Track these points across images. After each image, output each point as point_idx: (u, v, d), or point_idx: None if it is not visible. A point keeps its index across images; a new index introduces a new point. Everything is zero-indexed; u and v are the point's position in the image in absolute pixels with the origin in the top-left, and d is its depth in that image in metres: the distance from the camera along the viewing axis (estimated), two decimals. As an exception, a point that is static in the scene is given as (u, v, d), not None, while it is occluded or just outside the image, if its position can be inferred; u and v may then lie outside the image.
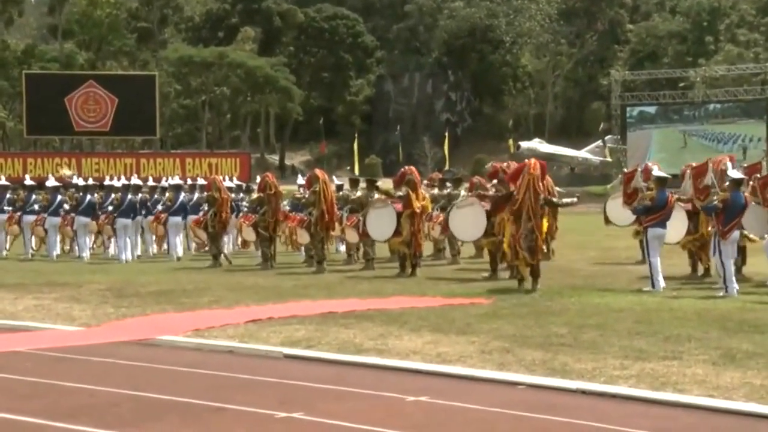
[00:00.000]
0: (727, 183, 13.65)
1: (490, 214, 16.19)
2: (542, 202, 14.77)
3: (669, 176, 15.36)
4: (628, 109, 55.96)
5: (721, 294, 13.44)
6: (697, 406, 7.12)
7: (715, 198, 13.66)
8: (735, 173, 13.95)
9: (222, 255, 20.14)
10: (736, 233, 13.68)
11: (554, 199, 16.69)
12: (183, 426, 6.70)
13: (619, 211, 17.89)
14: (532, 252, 14.66)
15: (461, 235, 17.49)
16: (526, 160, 15.95)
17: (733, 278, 13.49)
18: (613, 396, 7.50)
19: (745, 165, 16.87)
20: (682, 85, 56.95)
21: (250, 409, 7.16)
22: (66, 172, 32.80)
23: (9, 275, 18.09)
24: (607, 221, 19.73)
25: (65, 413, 7.06)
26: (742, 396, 7.31)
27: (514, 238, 14.75)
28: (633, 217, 17.56)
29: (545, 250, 15.89)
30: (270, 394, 7.72)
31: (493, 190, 16.60)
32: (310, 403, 7.33)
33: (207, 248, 20.97)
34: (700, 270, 16.32)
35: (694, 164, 15.50)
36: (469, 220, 16.75)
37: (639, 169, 17.28)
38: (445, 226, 18.16)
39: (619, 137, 54.65)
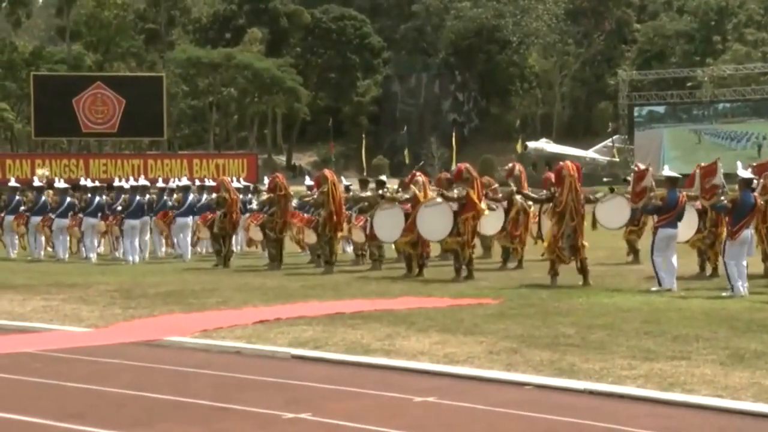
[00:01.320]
0: (737, 183, 13.62)
1: (456, 214, 16.23)
2: (584, 202, 15.46)
3: (679, 176, 15.34)
4: (635, 108, 56.19)
5: (725, 294, 13.43)
6: (705, 406, 7.14)
7: (723, 197, 13.66)
8: (744, 173, 13.91)
9: (229, 254, 20.18)
10: (746, 233, 13.62)
11: (591, 196, 17.56)
12: (190, 426, 6.70)
13: (608, 214, 18.27)
14: (575, 250, 15.08)
15: (428, 235, 17.15)
16: (562, 162, 16.45)
17: (742, 279, 13.39)
18: (621, 396, 7.53)
19: (755, 164, 16.67)
20: (690, 84, 57.11)
21: (257, 409, 7.18)
22: (43, 171, 32.77)
23: (17, 276, 18.17)
24: (595, 225, 19.60)
25: (73, 414, 7.11)
26: (751, 396, 7.33)
27: (555, 237, 15.10)
28: (623, 221, 18.10)
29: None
30: (277, 395, 7.73)
31: (456, 191, 16.52)
32: (318, 404, 7.35)
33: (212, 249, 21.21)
34: (708, 270, 16.31)
35: (703, 164, 15.49)
36: (436, 220, 16.62)
37: (650, 169, 17.24)
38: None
39: (626, 137, 54.83)
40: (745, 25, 60.98)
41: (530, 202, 18.44)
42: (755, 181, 14.04)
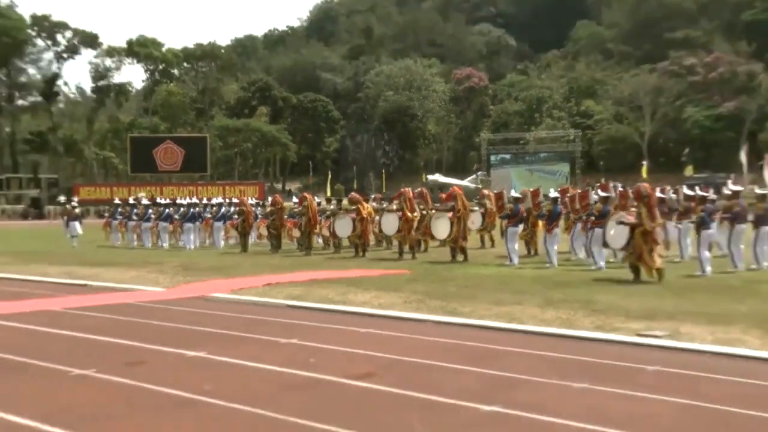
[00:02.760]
0: (551, 199, 18.46)
1: (400, 218, 20.88)
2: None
3: (520, 196, 20.00)
4: (492, 156, 74.12)
5: (548, 266, 17.31)
6: (531, 332, 9.50)
7: (543, 209, 18.76)
8: (554, 194, 18.81)
9: (247, 245, 25.26)
10: (556, 230, 18.07)
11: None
12: (223, 347, 8.75)
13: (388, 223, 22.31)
14: (464, 240, 19.79)
15: (387, 230, 22.17)
16: (453, 187, 22.03)
17: (555, 257, 17.73)
18: (483, 327, 9.85)
19: (560, 189, 21.73)
20: (522, 142, 76.00)
21: (264, 337, 9.47)
22: (139, 195, 39.07)
23: (120, 258, 22.55)
24: (381, 233, 24.24)
25: (155, 339, 9.35)
26: (557, 325, 9.82)
27: (457, 232, 19.40)
28: (477, 226, 23.48)
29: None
30: (278, 328, 9.97)
31: (395, 205, 21.58)
32: (303, 334, 9.47)
33: (236, 241, 26.82)
34: (532, 251, 20.82)
35: (531, 189, 21.06)
36: (392, 221, 21.36)
37: (504, 192, 22.80)
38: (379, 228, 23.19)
39: (486, 173, 69.52)
40: (552, 108, 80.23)
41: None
42: (559, 199, 18.76)
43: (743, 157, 40.94)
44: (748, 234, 16.87)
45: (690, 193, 19.08)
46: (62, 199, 39.20)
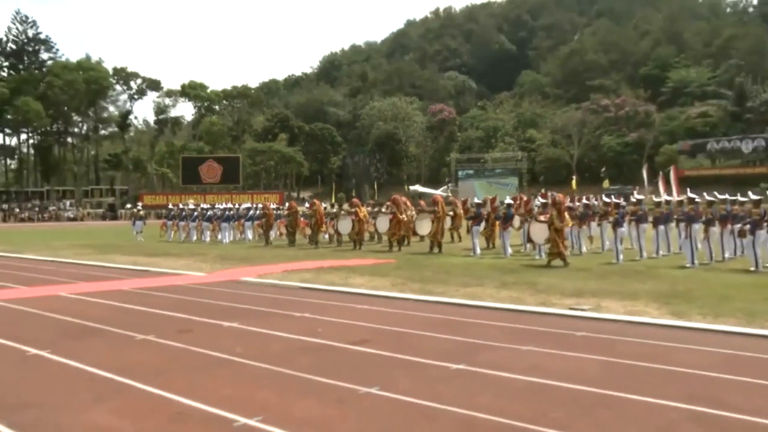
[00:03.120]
0: (506, 205, 18.13)
1: (391, 219, 20.75)
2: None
3: (482, 202, 20.07)
4: (459, 171, 73.64)
5: (503, 256, 17.01)
6: (489, 307, 9.36)
7: (500, 212, 18.05)
8: (509, 200, 18.71)
9: (269, 240, 25.17)
10: (510, 229, 17.79)
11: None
12: (251, 319, 8.67)
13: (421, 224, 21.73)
14: (441, 236, 19.55)
15: (381, 229, 21.87)
16: (434, 195, 22.34)
17: (508, 249, 17.30)
18: (452, 304, 9.76)
19: (513, 197, 21.94)
20: (482, 161, 75.50)
21: (283, 311, 9.31)
22: (190, 201, 38.57)
23: (173, 249, 22.32)
24: (375, 231, 23.66)
25: (199, 313, 9.27)
26: (510, 302, 9.73)
27: (436, 230, 19.20)
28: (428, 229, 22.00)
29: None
30: (294, 306, 9.79)
31: (384, 209, 21.76)
32: (314, 310, 9.36)
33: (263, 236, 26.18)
34: (491, 245, 20.38)
35: (491, 197, 20.97)
36: (385, 221, 21.14)
37: (469, 199, 22.80)
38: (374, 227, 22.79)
39: (455, 184, 68.95)
40: (505, 135, 79.75)
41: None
42: (512, 203, 18.65)
43: (644, 174, 41.59)
44: (649, 231, 17.01)
45: (607, 200, 19.11)
46: (133, 206, 40.19)
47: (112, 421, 4.80)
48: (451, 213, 23.80)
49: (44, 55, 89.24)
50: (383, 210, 22.48)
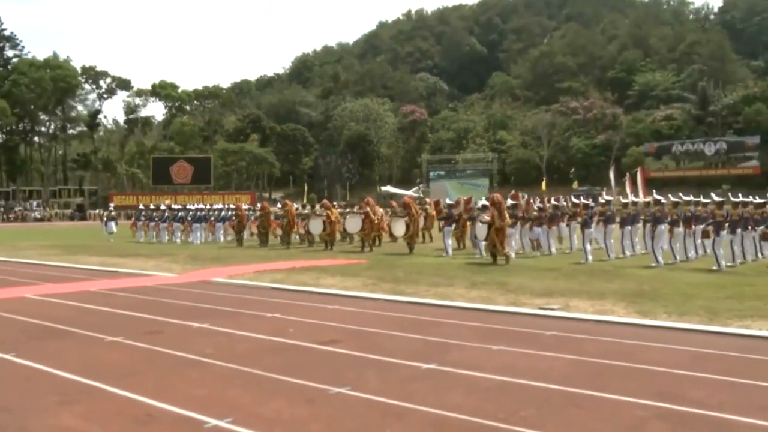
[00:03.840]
0: (480, 207, 17.81)
1: (364, 220, 20.63)
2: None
3: (454, 203, 19.85)
4: (431, 172, 74.18)
5: (477, 257, 16.85)
6: (459, 307, 9.43)
7: (475, 212, 17.84)
8: (483, 202, 18.11)
9: (241, 240, 24.93)
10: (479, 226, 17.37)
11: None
12: (222, 320, 8.59)
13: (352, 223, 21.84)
14: (416, 236, 19.75)
15: (350, 229, 21.85)
16: (405, 197, 22.28)
17: (481, 248, 16.93)
18: (421, 304, 9.81)
19: (486, 198, 21.57)
20: (453, 162, 75.76)
21: (254, 312, 9.26)
22: (167, 202, 38.22)
23: (142, 250, 21.76)
24: (345, 231, 23.37)
25: (169, 314, 9.13)
26: (481, 302, 9.72)
27: (413, 232, 19.35)
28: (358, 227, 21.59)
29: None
30: (265, 306, 9.76)
31: (357, 209, 21.71)
32: (284, 310, 9.34)
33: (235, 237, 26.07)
34: (461, 245, 20.27)
35: (465, 198, 20.72)
36: (354, 222, 21.10)
37: (440, 199, 22.69)
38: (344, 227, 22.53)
39: (427, 185, 69.15)
40: (476, 137, 80.00)
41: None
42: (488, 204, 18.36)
43: (612, 175, 42.15)
44: (616, 231, 17.15)
45: (576, 201, 19.31)
46: (104, 208, 39.74)
47: (79, 424, 4.72)
48: (423, 214, 23.86)
49: (9, 53, 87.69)
50: (354, 211, 22.43)
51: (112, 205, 41.02)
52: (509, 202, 18.57)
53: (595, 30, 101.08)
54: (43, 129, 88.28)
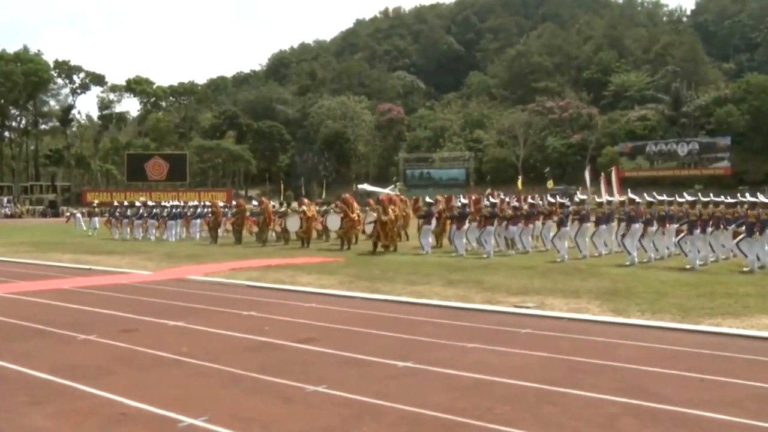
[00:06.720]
0: (462, 205, 18.05)
1: (343, 218, 20.52)
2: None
3: (433, 202, 19.66)
4: (408, 171, 75.37)
5: (454, 255, 16.98)
6: (436, 305, 9.40)
7: (456, 211, 18.00)
8: (464, 200, 18.42)
9: (216, 238, 24.63)
10: (464, 227, 17.71)
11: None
12: (197, 318, 8.51)
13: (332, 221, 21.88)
14: (396, 235, 19.83)
15: (331, 227, 21.86)
16: (382, 195, 22.20)
17: (461, 247, 17.23)
18: (399, 302, 9.82)
19: (465, 197, 21.68)
20: (430, 160, 76.79)
21: (230, 310, 9.21)
22: (142, 199, 38.02)
23: (118, 247, 21.68)
24: (325, 229, 23.30)
25: (144, 312, 9.04)
26: (456, 300, 9.82)
27: (393, 230, 19.22)
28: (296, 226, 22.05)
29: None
30: (241, 304, 9.71)
31: (333, 207, 22.16)
32: (259, 308, 9.33)
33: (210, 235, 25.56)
34: (439, 243, 20.19)
35: (445, 196, 21.19)
36: (334, 220, 21.07)
37: (420, 197, 22.55)
38: (324, 223, 22.67)
39: (403, 183, 69.74)
40: (452, 135, 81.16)
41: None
42: (467, 203, 18.52)
43: (587, 174, 42.65)
44: (590, 230, 17.23)
45: (552, 200, 19.48)
46: (83, 205, 39.44)
47: (51, 424, 4.65)
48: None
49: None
50: (333, 209, 22.41)
51: (96, 202, 40.57)
52: (490, 200, 18.66)
53: (571, 30, 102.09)
54: (14, 124, 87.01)
